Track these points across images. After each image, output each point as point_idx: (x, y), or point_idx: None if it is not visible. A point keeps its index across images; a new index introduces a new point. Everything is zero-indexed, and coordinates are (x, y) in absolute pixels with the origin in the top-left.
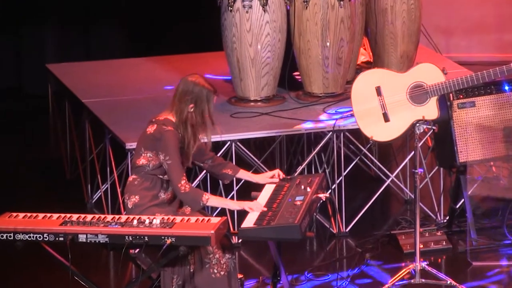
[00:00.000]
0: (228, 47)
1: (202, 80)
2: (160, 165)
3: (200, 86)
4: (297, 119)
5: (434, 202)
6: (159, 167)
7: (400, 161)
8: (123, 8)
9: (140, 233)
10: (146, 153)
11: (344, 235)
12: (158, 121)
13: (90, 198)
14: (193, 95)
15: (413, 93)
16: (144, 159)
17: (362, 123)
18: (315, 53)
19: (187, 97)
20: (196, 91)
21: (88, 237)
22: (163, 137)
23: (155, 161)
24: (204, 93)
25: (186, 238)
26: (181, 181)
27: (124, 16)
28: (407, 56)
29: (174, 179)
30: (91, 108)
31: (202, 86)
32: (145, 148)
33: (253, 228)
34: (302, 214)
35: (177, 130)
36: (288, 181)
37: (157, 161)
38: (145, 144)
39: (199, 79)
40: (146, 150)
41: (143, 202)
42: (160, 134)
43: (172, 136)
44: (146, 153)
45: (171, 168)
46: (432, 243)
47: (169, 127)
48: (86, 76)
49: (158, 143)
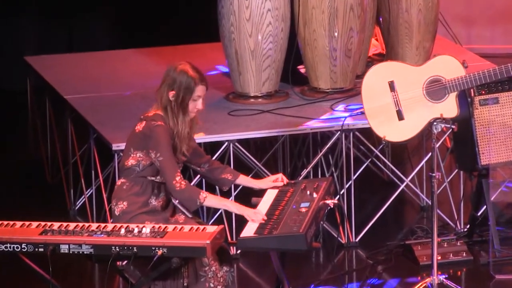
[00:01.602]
0: (226, 38)
1: (188, 67)
2: (151, 164)
3: (183, 72)
4: (302, 117)
5: (453, 209)
6: (150, 166)
7: (416, 163)
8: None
9: (129, 243)
10: (135, 153)
11: (353, 246)
12: (147, 117)
13: (73, 204)
14: (175, 81)
15: (430, 88)
16: (133, 160)
17: (374, 121)
18: (321, 44)
19: (168, 82)
20: (178, 77)
21: (71, 248)
22: (153, 133)
23: (146, 161)
24: (185, 81)
25: (179, 248)
26: (175, 177)
27: (110, 4)
28: (423, 48)
29: (168, 176)
30: (74, 105)
31: (185, 73)
32: (134, 148)
33: (253, 237)
34: (308, 222)
35: (167, 125)
36: (292, 186)
37: (147, 161)
38: (134, 143)
39: (186, 66)
40: (135, 150)
41: (132, 208)
42: (150, 130)
43: (162, 131)
44: (135, 153)
45: (163, 165)
46: (451, 254)
47: (159, 121)
48: (68, 69)
49: (148, 140)
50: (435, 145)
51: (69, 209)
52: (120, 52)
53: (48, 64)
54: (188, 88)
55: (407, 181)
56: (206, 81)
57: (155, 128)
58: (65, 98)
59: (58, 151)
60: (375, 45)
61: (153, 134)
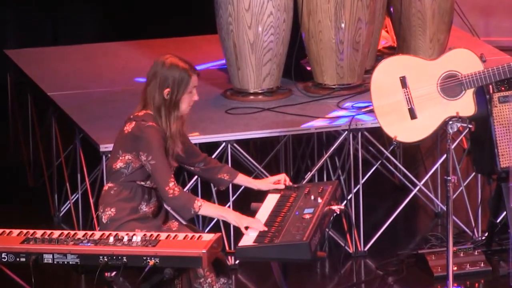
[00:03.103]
0: (223, 30)
1: (176, 60)
2: (141, 167)
3: (174, 66)
4: (306, 115)
5: (470, 215)
6: (140, 169)
7: (430, 166)
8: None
9: (118, 253)
10: (124, 156)
11: (362, 255)
12: (137, 117)
13: (57, 210)
14: (167, 77)
15: (445, 84)
16: (122, 162)
17: (384, 120)
18: (327, 36)
19: (159, 80)
20: (169, 73)
21: (55, 258)
22: (143, 134)
23: (135, 164)
24: (178, 74)
25: (172, 258)
26: (168, 183)
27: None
28: (437, 40)
29: (160, 182)
30: (58, 102)
31: (176, 66)
32: (123, 150)
33: (253, 246)
34: (312, 230)
35: (159, 125)
36: (295, 190)
37: (137, 163)
38: (122, 145)
39: (173, 58)
40: (124, 153)
41: (120, 215)
42: (140, 131)
43: (154, 132)
44: (124, 155)
45: (155, 169)
46: (468, 264)
47: (150, 122)
48: (52, 64)
49: (138, 142)
50: (451, 146)
51: (53, 215)
52: (108, 45)
53: (30, 58)
54: (182, 81)
55: (420, 185)
56: (197, 70)
57: (146, 129)
58: (49, 95)
59: (41, 152)
60: (386, 38)
61: (144, 135)
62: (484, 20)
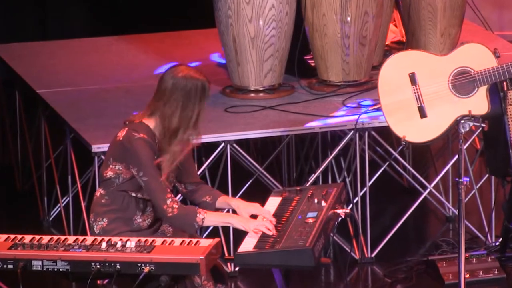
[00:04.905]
0: (222, 23)
1: (192, 72)
2: (132, 177)
3: (194, 78)
4: (310, 114)
5: (483, 219)
6: (130, 181)
7: (440, 168)
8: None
9: (110, 259)
10: (114, 165)
11: (369, 262)
12: (131, 124)
13: (46, 214)
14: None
15: (457, 81)
16: (112, 172)
17: (392, 119)
18: (332, 30)
19: (177, 96)
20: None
21: (45, 264)
22: (132, 148)
23: (126, 175)
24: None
25: (168, 265)
26: (165, 200)
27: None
28: (449, 35)
29: (157, 201)
30: (48, 100)
31: (196, 79)
32: (114, 159)
33: (253, 252)
34: (316, 235)
35: (152, 138)
36: (297, 193)
37: (127, 175)
38: (114, 153)
39: (189, 71)
40: (115, 162)
41: (113, 227)
42: (129, 142)
43: (143, 146)
44: (114, 164)
45: (149, 186)
46: (481, 271)
47: (141, 134)
48: (42, 60)
49: (127, 154)
50: (463, 146)
51: (43, 219)
52: (100, 39)
53: (18, 54)
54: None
55: (430, 187)
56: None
57: (134, 142)
58: (38, 93)
59: (30, 153)
60: (394, 32)
61: (132, 149)
62: (498, 13)
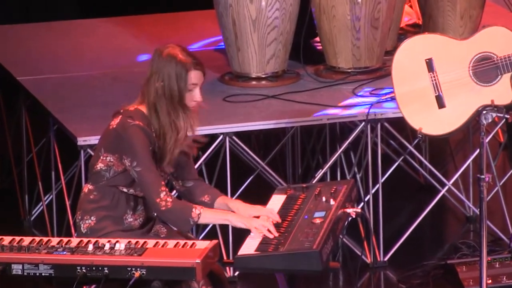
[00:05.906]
0: (221, 4)
1: (177, 51)
2: (124, 171)
3: (171, 57)
4: (317, 104)
5: (507, 219)
6: (122, 174)
7: (460, 163)
8: None
9: (98, 263)
10: (105, 156)
11: (381, 266)
12: (126, 112)
13: (28, 213)
14: (161, 69)
15: (478, 68)
16: (102, 164)
17: (407, 110)
18: (341, 12)
19: (156, 73)
20: (165, 64)
21: (25, 268)
22: (126, 135)
23: (117, 167)
24: (174, 67)
25: (161, 269)
26: (159, 194)
27: None
28: (469, 17)
29: (150, 194)
30: (29, 88)
31: (174, 57)
32: (105, 149)
33: (255, 255)
34: (324, 236)
35: (149, 126)
36: (304, 191)
37: (120, 167)
38: (105, 143)
39: (174, 49)
40: (106, 152)
41: (102, 225)
42: (124, 130)
43: (138, 133)
44: (105, 155)
45: (142, 177)
46: (504, 277)
47: (136, 121)
48: (23, 44)
49: (121, 143)
50: (485, 139)
51: (23, 219)
52: (87, 22)
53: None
54: (179, 76)
55: (449, 184)
56: (202, 66)
57: (129, 129)
58: (19, 80)
59: (9, 147)
60: (409, 13)
61: (126, 136)
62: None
